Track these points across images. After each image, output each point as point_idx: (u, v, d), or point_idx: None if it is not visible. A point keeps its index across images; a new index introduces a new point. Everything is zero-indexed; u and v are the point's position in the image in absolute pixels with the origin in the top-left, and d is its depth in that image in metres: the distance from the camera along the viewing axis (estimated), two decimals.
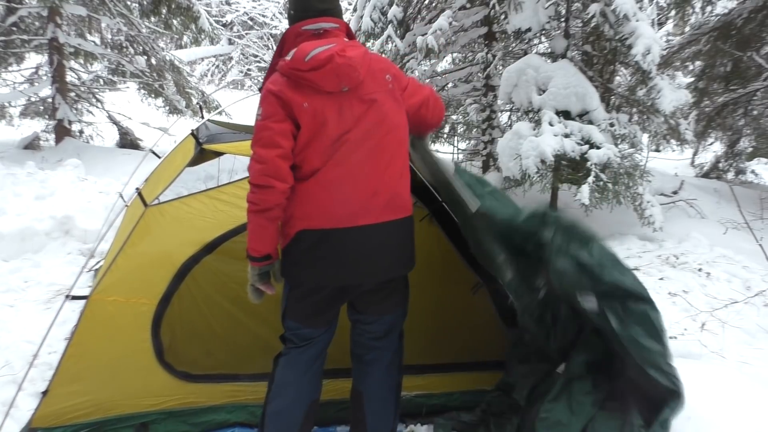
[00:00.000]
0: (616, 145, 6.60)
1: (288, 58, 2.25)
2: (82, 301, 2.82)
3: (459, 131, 10.78)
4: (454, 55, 10.63)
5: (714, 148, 11.91)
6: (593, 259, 2.32)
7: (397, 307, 2.57)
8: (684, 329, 3.88)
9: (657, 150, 10.97)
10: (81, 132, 11.03)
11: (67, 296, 2.86)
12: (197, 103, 10.95)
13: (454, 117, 10.71)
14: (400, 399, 2.65)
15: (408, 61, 8.60)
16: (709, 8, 9.80)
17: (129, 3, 10.76)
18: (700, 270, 5.00)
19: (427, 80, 8.49)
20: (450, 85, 9.55)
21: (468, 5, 8.66)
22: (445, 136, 10.89)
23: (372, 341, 2.56)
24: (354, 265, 2.32)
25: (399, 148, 2.36)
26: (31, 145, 10.31)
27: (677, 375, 2.26)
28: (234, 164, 6.48)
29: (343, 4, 21.55)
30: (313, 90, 2.22)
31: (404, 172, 2.39)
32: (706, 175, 11.17)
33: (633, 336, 2.24)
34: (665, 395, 2.25)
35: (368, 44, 9.05)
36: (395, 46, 8.43)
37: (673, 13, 10.64)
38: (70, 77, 10.58)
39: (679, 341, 3.69)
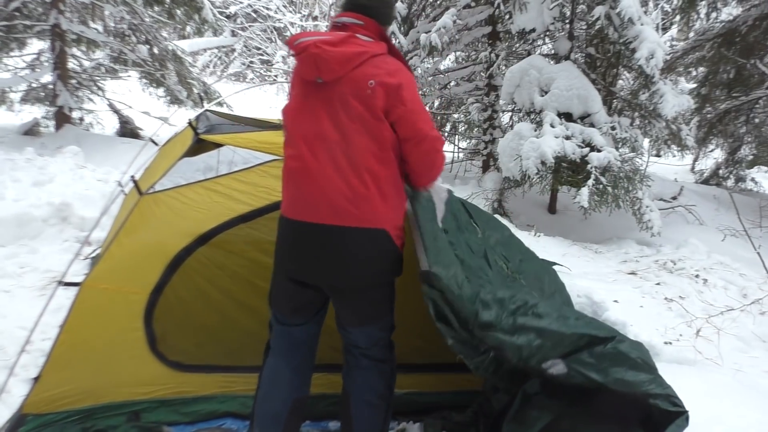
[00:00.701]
0: (617, 148, 6.61)
1: None
2: (76, 288, 2.80)
3: (460, 130, 10.78)
4: (458, 53, 10.64)
5: (715, 155, 11.93)
6: (551, 317, 2.30)
7: (372, 321, 2.47)
8: (679, 335, 3.87)
9: (657, 155, 10.99)
10: (81, 119, 11.00)
11: (59, 282, 2.84)
12: (198, 94, 10.92)
13: (455, 116, 10.71)
14: (391, 406, 2.58)
15: (411, 58, 8.59)
16: (713, 14, 9.80)
17: None
18: (697, 276, 4.99)
19: (430, 78, 8.47)
20: (452, 83, 9.55)
21: (473, 4, 8.66)
22: (446, 134, 10.88)
23: (353, 348, 2.52)
24: (297, 259, 2.34)
25: (365, 156, 2.25)
26: (31, 131, 10.28)
27: (675, 394, 2.25)
28: (233, 156, 6.46)
29: None
30: (299, 76, 2.35)
31: (373, 181, 2.25)
32: (706, 182, 11.18)
33: (617, 378, 2.22)
34: (670, 415, 2.23)
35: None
36: (399, 42, 8.42)
37: (677, 18, 10.63)
38: (71, 64, 10.54)
39: (674, 347, 3.69)
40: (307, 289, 2.41)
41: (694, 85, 10.58)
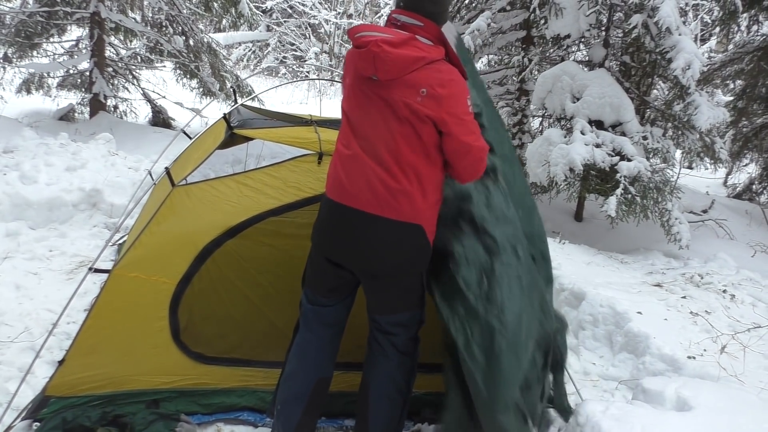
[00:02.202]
0: (648, 158, 6.52)
1: None
2: (104, 275, 2.85)
3: None
4: (490, 56, 10.57)
5: (749, 170, 11.69)
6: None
7: (401, 311, 2.54)
8: (703, 350, 3.81)
9: (689, 167, 10.81)
10: (115, 107, 11.16)
11: (90, 268, 2.89)
12: (230, 87, 11.01)
13: None
14: (407, 402, 2.62)
15: None
16: (754, 27, 9.62)
17: None
18: (724, 291, 4.90)
19: None
20: None
21: (508, 7, 8.60)
22: None
23: (380, 335, 2.59)
24: (335, 240, 2.44)
25: (410, 153, 2.30)
26: (66, 116, 10.46)
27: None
28: (263, 150, 6.51)
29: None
30: (355, 69, 2.37)
31: (416, 177, 2.32)
32: (738, 196, 10.97)
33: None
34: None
35: None
36: None
37: (717, 29, 10.46)
38: (108, 52, 10.70)
39: (697, 362, 3.63)
40: (341, 270, 2.49)
41: (731, 98, 10.38)
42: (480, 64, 10.86)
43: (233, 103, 3.73)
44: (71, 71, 10.80)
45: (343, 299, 2.60)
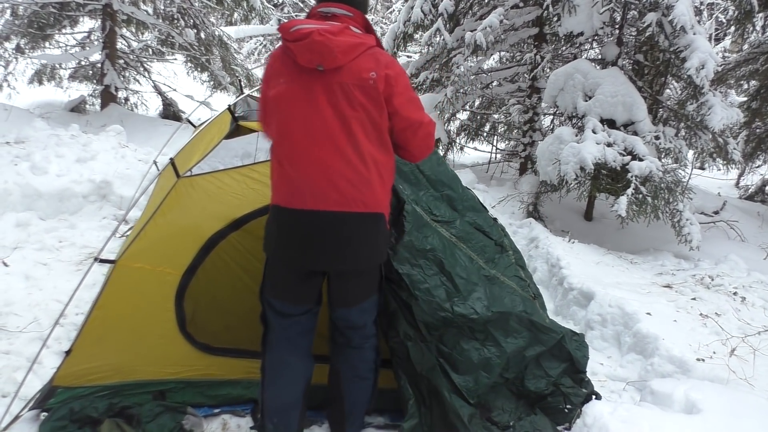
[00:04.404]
0: (660, 158, 6.47)
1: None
2: (110, 265, 2.86)
3: (499, 131, 10.68)
4: (502, 53, 10.53)
5: (762, 171, 11.59)
6: None
7: (367, 298, 2.55)
8: (713, 352, 3.78)
9: (701, 167, 10.75)
10: (126, 99, 11.21)
11: (95, 259, 2.89)
12: (238, 79, 11.01)
13: (495, 116, 10.62)
14: (377, 380, 2.67)
15: (455, 55, 8.53)
16: None
17: None
18: (735, 294, 4.86)
19: (473, 77, 8.39)
20: (495, 83, 9.46)
21: (521, 4, 8.56)
22: (485, 134, 10.80)
23: (346, 329, 2.57)
24: (306, 248, 2.35)
25: (366, 142, 2.31)
26: (78, 108, 10.52)
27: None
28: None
29: None
30: (294, 64, 2.30)
31: (375, 165, 2.33)
32: (750, 198, 10.89)
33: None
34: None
35: (416, 35, 9.00)
36: (443, 39, 8.36)
37: (732, 29, 10.34)
38: (120, 44, 10.74)
39: (706, 364, 3.60)
40: (313, 275, 2.46)
41: (745, 99, 10.28)
42: (491, 61, 10.82)
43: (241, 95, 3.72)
44: (83, 63, 10.84)
45: (317, 302, 2.55)
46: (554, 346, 2.88)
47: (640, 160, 6.13)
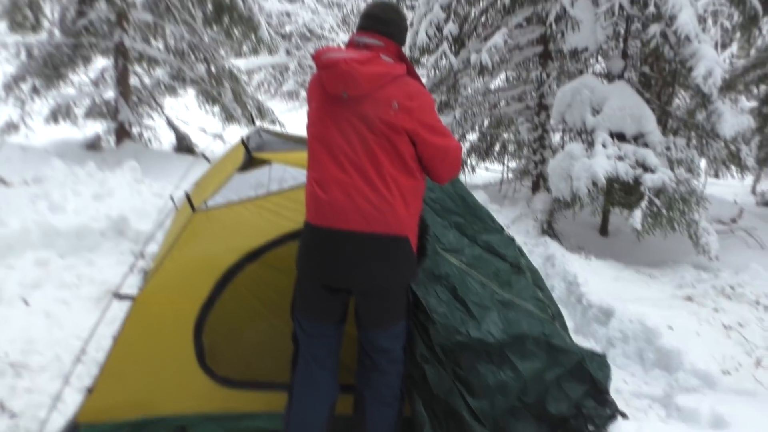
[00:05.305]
0: (672, 169, 6.44)
1: None
2: (129, 301, 2.88)
3: (509, 150, 10.69)
4: (508, 73, 10.57)
5: None
6: None
7: (395, 322, 2.59)
8: (738, 364, 3.73)
9: (716, 176, 10.65)
10: (140, 135, 11.34)
11: (114, 294, 2.93)
12: (249, 112, 11.13)
13: (505, 135, 10.64)
14: (403, 407, 2.68)
15: (461, 77, 8.59)
16: None
17: (193, 11, 11.05)
18: (757, 303, 4.80)
19: (480, 97, 8.44)
20: (502, 103, 9.50)
21: (524, 23, 8.62)
22: (496, 154, 10.81)
23: (374, 353, 2.60)
24: (330, 265, 2.43)
25: (389, 166, 2.37)
26: (93, 145, 10.66)
27: None
28: (284, 174, 6.56)
29: None
30: (323, 90, 2.43)
31: (397, 189, 2.39)
32: (767, 204, 10.76)
33: None
34: None
35: (422, 59, 9.07)
36: (449, 62, 8.43)
37: (738, 35, 10.33)
38: (133, 81, 10.91)
39: (732, 377, 3.55)
40: (337, 293, 2.51)
41: (755, 104, 10.23)
42: (498, 81, 10.87)
43: (253, 127, 3.78)
44: (97, 100, 11.02)
45: (340, 321, 2.61)
46: (574, 367, 2.86)
47: (652, 172, 6.11)
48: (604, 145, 6.27)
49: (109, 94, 10.79)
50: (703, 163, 7.86)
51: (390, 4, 2.63)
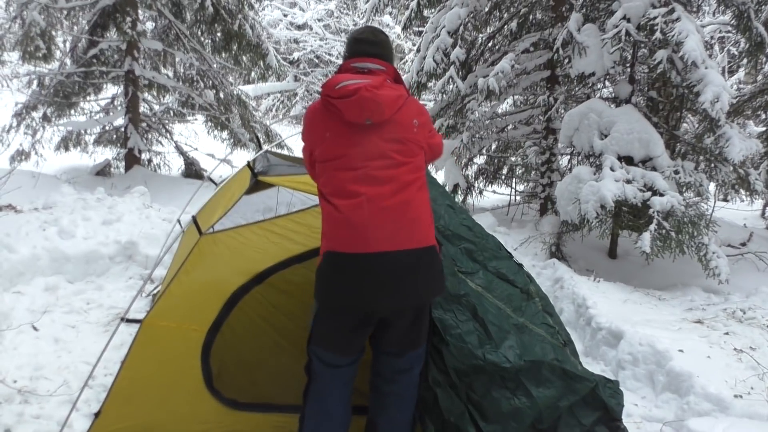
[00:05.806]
0: (681, 193, 6.42)
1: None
2: (137, 325, 2.89)
3: (517, 173, 10.71)
4: (516, 97, 10.64)
5: None
6: None
7: (422, 342, 2.61)
8: (750, 388, 3.67)
9: (725, 200, 10.63)
10: (149, 161, 11.45)
11: (122, 319, 2.93)
12: (256, 136, 11.22)
13: (513, 159, 10.66)
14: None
15: (469, 101, 8.64)
16: None
17: (202, 39, 11.22)
18: None
19: (488, 122, 8.48)
20: (510, 127, 9.53)
21: (532, 48, 8.69)
22: (503, 177, 10.83)
23: (394, 374, 2.59)
24: (368, 291, 2.37)
25: (414, 185, 2.44)
26: (103, 171, 10.76)
27: None
28: (291, 198, 6.59)
29: (407, 45, 21.98)
30: (339, 119, 2.41)
31: (421, 205, 2.47)
32: None
33: None
34: None
35: (429, 84, 9.14)
36: (456, 87, 8.49)
37: (745, 61, 10.35)
38: (142, 108, 11.05)
39: (744, 400, 3.50)
40: (366, 324, 2.47)
41: (763, 129, 10.23)
42: (505, 105, 10.92)
43: (260, 150, 3.80)
44: (107, 128, 11.14)
45: (361, 352, 2.59)
46: (588, 394, 2.83)
47: (661, 195, 6.09)
48: (612, 168, 6.27)
49: (119, 121, 10.92)
50: (712, 186, 7.84)
51: (377, 28, 2.72)
